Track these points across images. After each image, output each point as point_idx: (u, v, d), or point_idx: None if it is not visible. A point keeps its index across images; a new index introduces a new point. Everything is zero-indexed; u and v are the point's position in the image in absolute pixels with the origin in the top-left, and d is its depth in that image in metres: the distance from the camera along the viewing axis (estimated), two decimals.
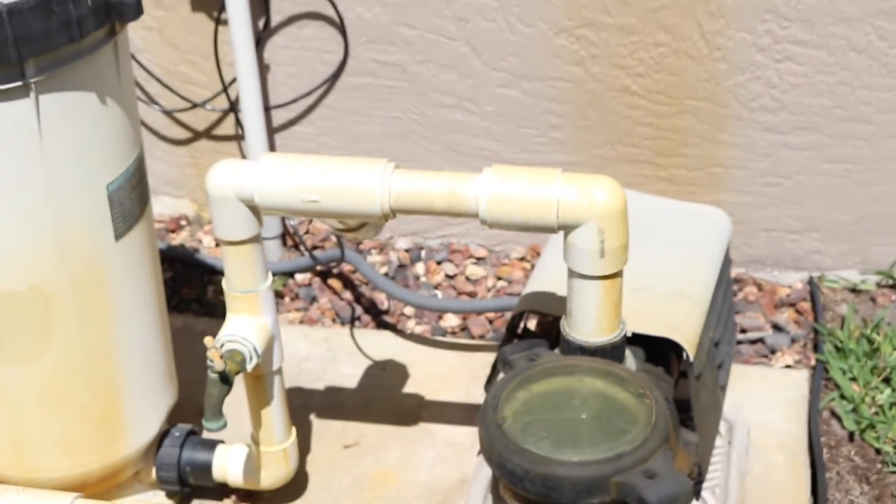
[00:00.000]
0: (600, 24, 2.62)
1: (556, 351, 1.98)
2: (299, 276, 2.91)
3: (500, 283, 2.88)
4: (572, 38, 2.65)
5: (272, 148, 2.91)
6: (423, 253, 2.97)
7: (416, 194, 1.88)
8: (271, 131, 2.89)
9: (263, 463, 2.21)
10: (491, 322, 2.78)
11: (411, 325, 2.79)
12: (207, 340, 1.97)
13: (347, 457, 2.42)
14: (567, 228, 1.85)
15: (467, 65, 2.73)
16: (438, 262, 2.95)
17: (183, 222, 3.11)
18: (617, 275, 1.87)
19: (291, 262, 2.90)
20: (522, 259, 2.94)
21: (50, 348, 1.98)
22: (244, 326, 2.03)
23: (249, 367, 2.02)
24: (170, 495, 2.29)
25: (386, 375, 2.63)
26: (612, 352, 1.91)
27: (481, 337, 2.75)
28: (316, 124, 2.88)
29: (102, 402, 2.09)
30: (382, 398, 2.56)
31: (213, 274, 2.93)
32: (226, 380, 1.97)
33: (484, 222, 1.87)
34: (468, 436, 2.44)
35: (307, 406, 2.55)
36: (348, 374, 2.63)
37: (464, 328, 2.78)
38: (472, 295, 2.85)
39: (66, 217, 1.91)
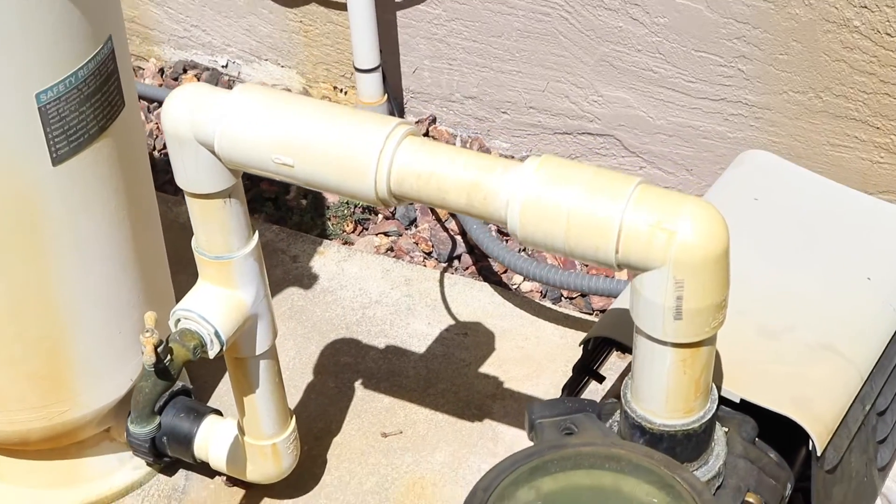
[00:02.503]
0: None
1: (613, 421, 1.39)
2: None
3: None
4: None
5: (388, 30, 2.34)
6: None
7: (425, 179, 1.32)
8: (393, 7, 2.31)
9: (249, 456, 1.80)
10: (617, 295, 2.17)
11: (519, 280, 2.22)
12: (148, 317, 1.48)
13: (382, 450, 1.95)
14: (631, 269, 1.24)
15: None
16: None
17: None
18: (702, 343, 1.28)
19: None
20: None
21: None
22: (209, 302, 1.58)
23: (211, 354, 1.55)
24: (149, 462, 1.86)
25: (465, 344, 2.09)
26: (684, 442, 1.38)
27: (602, 311, 2.16)
28: (446, 6, 2.30)
29: (40, 356, 1.71)
30: (450, 375, 2.04)
31: None
32: (165, 373, 1.49)
33: (514, 236, 1.29)
34: None
35: (356, 368, 2.05)
36: (420, 334, 2.11)
37: (584, 294, 2.18)
38: None
39: None
